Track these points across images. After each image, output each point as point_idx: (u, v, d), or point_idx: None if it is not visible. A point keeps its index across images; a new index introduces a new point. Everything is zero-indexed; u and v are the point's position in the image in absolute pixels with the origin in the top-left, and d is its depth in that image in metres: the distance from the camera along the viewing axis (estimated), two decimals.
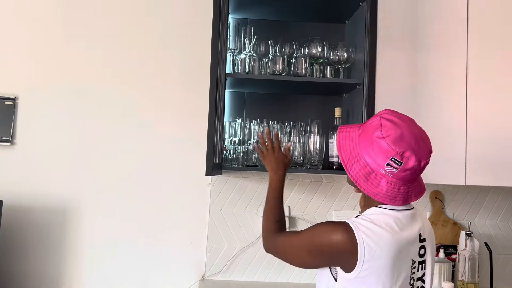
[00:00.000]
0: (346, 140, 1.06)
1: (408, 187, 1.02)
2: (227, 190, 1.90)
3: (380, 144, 0.99)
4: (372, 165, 1.00)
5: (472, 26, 1.66)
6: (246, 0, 1.77)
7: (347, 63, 1.78)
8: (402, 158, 0.97)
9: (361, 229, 0.98)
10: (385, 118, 1.02)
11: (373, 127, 1.02)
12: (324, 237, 1.01)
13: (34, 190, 1.83)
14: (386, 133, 0.98)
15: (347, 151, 1.05)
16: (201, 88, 1.87)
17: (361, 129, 1.06)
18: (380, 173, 1.00)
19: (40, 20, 1.89)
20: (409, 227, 1.03)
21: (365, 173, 1.01)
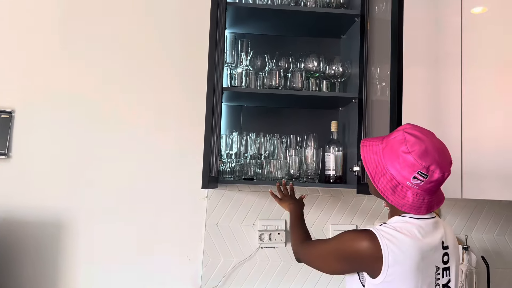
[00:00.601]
0: (370, 154, 1.11)
1: (431, 197, 1.08)
2: (223, 203, 1.89)
3: (406, 159, 1.04)
4: (398, 178, 1.06)
5: (465, 42, 1.68)
6: (242, 16, 1.80)
7: (342, 77, 1.80)
8: (428, 171, 1.03)
9: (385, 236, 1.03)
10: (408, 132, 1.07)
11: (398, 142, 1.07)
12: (349, 244, 1.07)
13: (29, 203, 1.82)
14: (412, 148, 1.04)
15: (373, 165, 1.10)
16: (198, 101, 1.88)
17: (384, 143, 1.11)
18: (406, 186, 1.06)
19: (37, 33, 1.90)
20: (432, 235, 1.08)
21: (392, 186, 1.07)
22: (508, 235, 1.97)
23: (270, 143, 1.79)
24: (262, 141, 1.78)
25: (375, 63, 1.61)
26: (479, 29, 1.68)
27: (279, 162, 1.74)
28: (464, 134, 1.64)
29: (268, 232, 1.87)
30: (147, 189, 1.87)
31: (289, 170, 1.74)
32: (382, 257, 1.01)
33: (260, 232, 1.87)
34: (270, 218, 1.90)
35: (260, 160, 1.76)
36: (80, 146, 1.86)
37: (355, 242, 1.05)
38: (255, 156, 1.77)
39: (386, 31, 1.45)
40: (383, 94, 1.54)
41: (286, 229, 1.90)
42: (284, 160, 1.75)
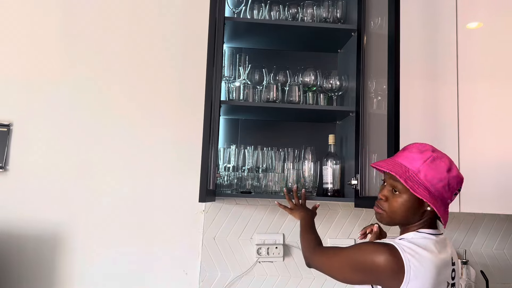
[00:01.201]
0: (416, 186, 1.06)
1: None
2: (220, 217, 1.88)
3: (453, 177, 1.08)
4: (445, 199, 1.09)
5: (461, 56, 1.70)
6: (241, 30, 1.82)
7: (340, 91, 1.81)
8: (461, 184, 1.12)
9: (406, 250, 1.03)
10: (437, 154, 1.10)
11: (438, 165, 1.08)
12: (368, 256, 1.05)
13: (25, 217, 1.80)
14: (452, 166, 1.09)
15: (426, 195, 1.06)
16: (196, 114, 1.88)
17: (418, 170, 1.08)
18: (447, 203, 1.11)
19: (35, 46, 1.91)
20: (444, 250, 1.09)
21: (444, 208, 1.09)
22: (507, 249, 1.96)
23: (268, 156, 1.79)
24: (260, 154, 1.78)
25: (372, 77, 1.63)
26: (475, 44, 1.70)
27: (276, 175, 1.73)
28: (461, 147, 1.65)
29: (265, 246, 1.86)
30: (144, 203, 1.86)
31: (287, 183, 1.74)
32: (403, 271, 1.00)
33: (258, 246, 1.85)
34: (268, 232, 1.89)
35: (258, 173, 1.76)
36: (77, 159, 1.86)
37: (375, 254, 1.03)
38: (253, 169, 1.77)
39: (383, 45, 1.47)
40: (380, 107, 1.55)
41: (284, 243, 1.88)
42: (282, 173, 1.75)
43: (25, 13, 1.93)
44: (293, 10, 1.82)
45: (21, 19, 1.93)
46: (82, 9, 1.95)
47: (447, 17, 1.71)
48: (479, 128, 1.66)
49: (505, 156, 1.64)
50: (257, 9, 1.82)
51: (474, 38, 1.70)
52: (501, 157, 1.65)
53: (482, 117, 1.67)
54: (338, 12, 1.84)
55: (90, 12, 1.96)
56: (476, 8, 1.71)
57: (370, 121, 1.62)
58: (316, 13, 1.83)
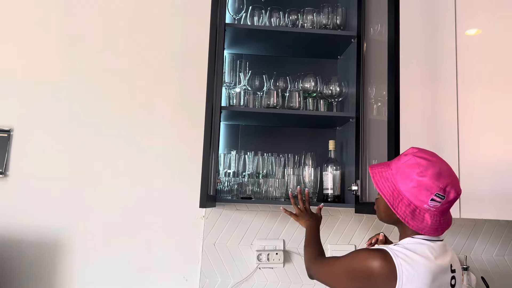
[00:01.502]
0: (383, 181, 1.11)
1: (445, 218, 1.10)
2: (221, 223, 1.88)
3: (422, 182, 1.05)
4: (415, 202, 1.07)
5: (459, 61, 1.71)
6: (241, 37, 1.83)
7: (340, 97, 1.82)
8: (445, 192, 1.05)
9: (399, 255, 1.04)
10: (418, 156, 1.08)
11: (410, 166, 1.08)
12: (362, 263, 1.06)
13: (25, 222, 1.80)
14: (426, 171, 1.05)
15: (389, 192, 1.09)
16: (197, 120, 1.89)
17: (393, 169, 1.12)
18: (424, 209, 1.06)
19: (35, 51, 1.92)
20: (442, 257, 1.08)
21: (411, 211, 1.07)
22: (508, 255, 1.96)
23: (268, 162, 1.79)
24: (260, 160, 1.79)
25: (372, 83, 1.63)
26: (474, 51, 1.71)
27: (277, 181, 1.74)
28: (461, 153, 1.65)
29: (266, 252, 1.85)
30: (144, 208, 1.86)
31: (287, 189, 1.74)
32: (395, 276, 1.01)
33: (258, 252, 1.85)
34: (268, 238, 1.89)
35: (258, 179, 1.76)
36: (77, 165, 1.86)
37: (368, 261, 1.05)
38: (253, 175, 1.77)
39: (382, 51, 1.48)
40: (379, 113, 1.56)
41: (284, 249, 1.88)
42: (282, 179, 1.75)
43: (25, 18, 1.94)
44: (293, 16, 1.84)
45: (22, 24, 1.93)
46: (82, 17, 1.96)
47: (446, 24, 1.72)
48: (479, 134, 1.67)
49: (505, 162, 1.64)
50: (258, 16, 1.84)
51: (473, 45, 1.71)
52: (501, 162, 1.65)
53: (481, 122, 1.67)
54: (338, 18, 1.85)
55: (90, 19, 1.97)
56: (475, 15, 1.72)
57: (370, 127, 1.63)
58: (316, 19, 1.85)
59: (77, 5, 1.97)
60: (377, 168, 1.15)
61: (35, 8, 1.95)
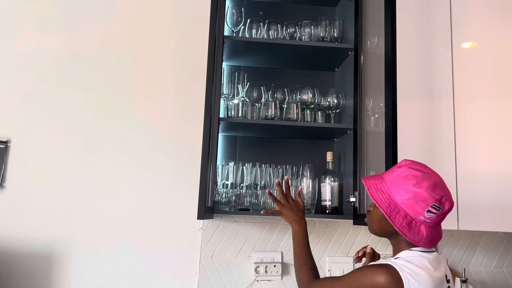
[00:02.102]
0: (379, 193, 1.11)
1: (439, 229, 1.10)
2: (218, 235, 1.87)
3: (418, 193, 1.05)
4: (411, 214, 1.06)
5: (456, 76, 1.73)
6: (239, 49, 1.84)
7: (337, 109, 1.83)
8: (440, 204, 1.05)
9: (405, 270, 1.02)
10: (413, 168, 1.09)
11: (405, 178, 1.08)
12: (368, 280, 1.04)
13: (21, 234, 1.78)
14: (422, 183, 1.05)
15: (385, 204, 1.09)
16: (195, 131, 1.89)
17: (388, 181, 1.11)
18: (420, 220, 1.06)
19: (34, 63, 1.93)
20: (439, 268, 1.08)
21: (407, 223, 1.07)
22: (506, 267, 1.95)
23: (266, 173, 1.79)
24: (258, 171, 1.78)
25: (369, 95, 1.64)
26: (470, 63, 1.72)
27: (275, 193, 1.72)
28: (458, 165, 1.65)
29: (264, 265, 1.84)
30: (141, 220, 1.85)
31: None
32: None
33: (256, 265, 1.83)
34: (266, 250, 1.87)
35: (256, 190, 1.76)
36: (74, 177, 1.85)
37: (374, 277, 1.03)
38: (251, 186, 1.77)
39: (379, 64, 1.49)
40: (377, 125, 1.57)
41: (283, 261, 1.87)
42: None
43: (23, 29, 1.95)
44: (291, 29, 1.86)
45: (20, 33, 1.95)
46: (81, 27, 1.98)
47: (442, 37, 1.74)
48: (476, 145, 1.67)
49: (502, 173, 1.65)
50: (256, 29, 1.86)
51: (469, 57, 1.73)
52: (499, 174, 1.66)
53: (478, 134, 1.68)
54: (335, 31, 1.87)
55: (89, 29, 1.98)
56: (470, 28, 1.75)
57: (368, 139, 1.63)
58: (313, 32, 1.87)
59: (76, 16, 1.98)
60: (370, 180, 1.15)
61: (33, 18, 1.97)
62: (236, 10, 1.83)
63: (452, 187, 1.63)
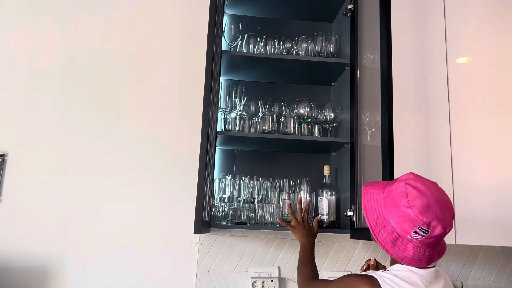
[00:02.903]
0: (372, 203, 1.09)
1: (432, 250, 1.05)
2: (215, 249, 1.85)
3: (406, 213, 1.01)
4: (398, 231, 1.03)
5: (451, 88, 1.74)
6: (237, 64, 1.86)
7: (334, 123, 1.84)
8: (429, 227, 1.00)
9: (387, 282, 1.02)
10: (410, 185, 1.04)
11: (399, 194, 1.04)
12: None
13: (16, 248, 1.77)
14: (413, 202, 1.01)
15: (374, 215, 1.07)
16: (192, 145, 1.89)
17: (385, 193, 1.08)
18: (407, 239, 1.03)
19: (31, 76, 1.94)
20: (434, 284, 1.06)
21: (392, 239, 1.04)
22: (504, 282, 1.94)
23: (263, 187, 1.79)
24: (256, 185, 1.78)
25: (365, 109, 1.66)
26: (465, 78, 1.74)
27: (272, 206, 1.73)
28: (455, 180, 1.65)
29: (261, 280, 1.82)
30: (137, 235, 1.84)
31: (283, 214, 1.73)
32: None
33: (253, 280, 1.82)
34: (263, 264, 1.86)
35: (253, 204, 1.75)
36: (71, 191, 1.85)
37: (356, 286, 1.04)
38: (248, 200, 1.77)
39: (375, 78, 1.51)
40: (374, 139, 1.58)
41: (280, 276, 1.85)
42: (277, 204, 1.74)
43: (21, 42, 1.97)
44: (288, 44, 1.88)
45: (17, 48, 1.96)
46: (79, 41, 2.00)
47: (438, 52, 1.76)
48: (472, 159, 1.68)
49: (499, 187, 1.65)
50: (253, 43, 1.88)
51: (464, 72, 1.75)
52: (496, 188, 1.66)
53: (475, 148, 1.69)
54: (331, 46, 1.90)
55: (88, 43, 2.00)
56: (465, 44, 1.77)
57: (365, 153, 1.64)
58: (310, 47, 1.89)
59: (75, 29, 2.00)
60: (370, 188, 1.13)
61: (30, 30, 1.98)
62: (234, 25, 1.85)
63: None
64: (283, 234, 1.89)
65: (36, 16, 2.00)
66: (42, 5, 2.01)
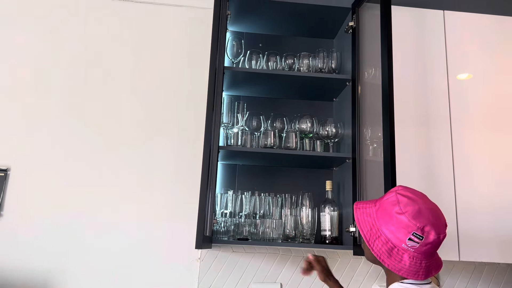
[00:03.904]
0: (364, 216, 1.10)
1: (429, 261, 1.05)
2: (216, 265, 1.84)
3: (400, 220, 1.02)
4: (393, 241, 1.03)
5: (452, 102, 1.75)
6: (239, 79, 1.88)
7: (336, 138, 1.85)
8: (423, 233, 1.01)
9: None
10: (401, 194, 1.06)
11: (391, 203, 1.06)
12: None
13: (16, 264, 1.75)
14: (405, 209, 1.03)
15: (367, 227, 1.08)
16: (194, 159, 1.90)
17: (377, 205, 1.10)
18: (402, 248, 1.03)
19: (35, 92, 1.96)
20: None
21: (387, 249, 1.04)
22: None
23: (265, 202, 1.78)
24: (257, 200, 1.78)
25: (367, 125, 1.66)
26: (466, 94, 1.76)
27: (274, 222, 1.72)
28: (458, 194, 1.65)
29: None
30: (138, 251, 1.82)
31: (285, 230, 1.72)
32: None
33: None
34: (265, 281, 1.84)
35: (255, 220, 1.74)
36: (71, 207, 1.84)
37: None
38: (250, 215, 1.76)
39: (377, 94, 1.52)
40: (375, 154, 1.58)
41: None
42: (279, 220, 1.73)
43: (24, 58, 1.99)
44: (290, 60, 1.90)
45: (20, 64, 1.98)
46: (83, 57, 2.02)
47: (438, 68, 1.78)
48: (475, 175, 1.68)
49: (503, 203, 1.64)
50: (255, 60, 1.90)
51: (465, 88, 1.77)
52: (499, 203, 1.65)
53: (477, 163, 1.69)
54: (333, 63, 1.92)
55: (91, 59, 2.02)
56: (465, 60, 1.79)
57: (367, 168, 1.64)
58: (311, 63, 1.91)
59: (78, 47, 2.03)
60: (362, 204, 1.14)
61: (34, 48, 2.01)
62: (236, 42, 1.88)
63: (452, 217, 1.62)
64: (285, 250, 1.87)
65: (41, 31, 2.03)
66: (47, 19, 2.05)
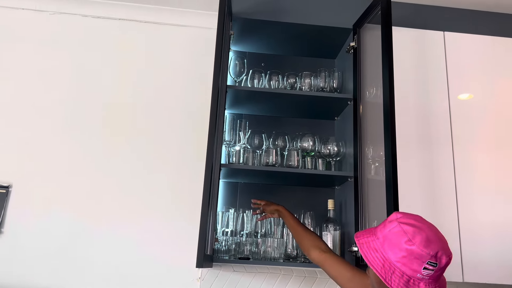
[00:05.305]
0: (371, 252, 1.06)
1: (438, 283, 1.04)
2: (217, 285, 1.81)
3: (412, 251, 1.00)
4: (408, 273, 1.01)
5: (453, 122, 1.76)
6: (241, 98, 1.89)
7: (337, 157, 1.85)
8: (436, 259, 1.00)
9: None
10: (403, 222, 1.04)
11: (396, 234, 1.03)
12: None
13: (17, 281, 1.74)
14: (414, 239, 1.01)
15: (379, 264, 1.04)
16: (196, 177, 1.90)
17: (380, 237, 1.07)
18: (418, 278, 1.01)
19: (37, 110, 1.98)
20: None
21: (404, 282, 1.02)
22: None
23: (267, 221, 1.77)
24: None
25: (369, 144, 1.66)
26: (467, 114, 1.76)
27: (275, 241, 1.70)
28: (461, 215, 1.64)
29: None
30: (138, 269, 1.81)
31: (286, 249, 1.70)
32: None
33: None
34: None
35: (256, 239, 1.73)
36: (72, 225, 1.84)
37: None
38: (252, 234, 1.75)
39: (378, 113, 1.52)
40: (377, 173, 1.57)
41: None
42: (281, 239, 1.72)
43: (27, 77, 2.02)
44: (292, 80, 1.92)
45: (24, 84, 2.01)
46: (84, 81, 2.05)
47: (439, 88, 1.79)
48: (478, 195, 1.67)
49: (506, 224, 1.63)
50: (258, 79, 1.92)
51: (466, 108, 1.77)
52: (502, 224, 1.64)
53: (479, 184, 1.68)
54: (334, 82, 1.93)
55: (94, 82, 2.05)
56: (466, 81, 1.81)
57: (369, 187, 1.63)
58: (313, 83, 1.93)
59: (83, 65, 2.06)
60: (363, 237, 1.10)
61: (38, 67, 2.04)
62: (239, 61, 1.90)
63: (455, 238, 1.60)
64: (286, 270, 1.85)
65: (41, 51, 2.06)
66: (53, 43, 2.08)
